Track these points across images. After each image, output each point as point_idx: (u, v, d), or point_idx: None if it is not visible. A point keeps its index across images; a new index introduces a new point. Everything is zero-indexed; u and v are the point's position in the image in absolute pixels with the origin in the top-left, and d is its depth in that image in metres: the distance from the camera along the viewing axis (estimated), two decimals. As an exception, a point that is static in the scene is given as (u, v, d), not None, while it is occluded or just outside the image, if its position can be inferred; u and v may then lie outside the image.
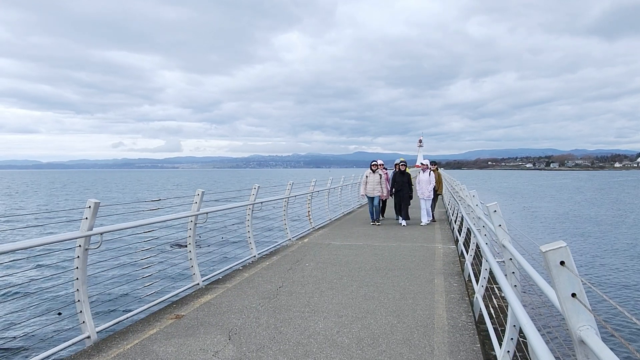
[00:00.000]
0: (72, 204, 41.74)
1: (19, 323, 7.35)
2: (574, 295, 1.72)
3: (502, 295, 5.91)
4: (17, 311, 7.95)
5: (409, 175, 13.73)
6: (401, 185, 13.41)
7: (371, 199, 13.49)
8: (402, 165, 13.68)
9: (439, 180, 14.63)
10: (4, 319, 8.08)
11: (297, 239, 10.89)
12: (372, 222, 13.59)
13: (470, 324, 4.98)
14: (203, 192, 6.61)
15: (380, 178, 13.42)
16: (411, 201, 14.12)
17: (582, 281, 1.73)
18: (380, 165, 13.98)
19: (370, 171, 13.46)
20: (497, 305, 5.50)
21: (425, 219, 13.51)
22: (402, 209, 13.44)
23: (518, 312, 2.58)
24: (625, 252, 18.33)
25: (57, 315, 7.39)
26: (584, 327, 1.71)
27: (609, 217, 31.71)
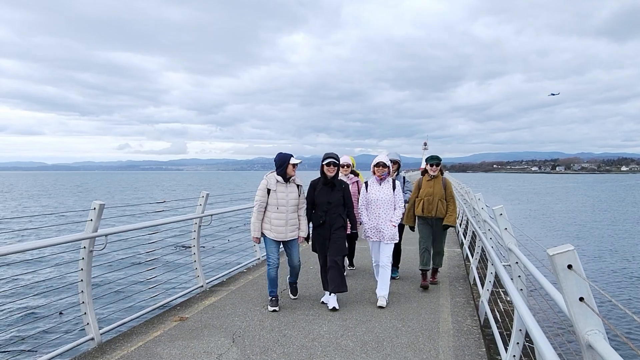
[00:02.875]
0: (81, 205, 41.96)
1: (23, 324, 7.38)
2: (581, 299, 1.69)
3: (508, 299, 5.87)
4: (21, 312, 7.98)
5: (347, 187, 5.84)
6: (325, 209, 5.66)
7: (276, 246, 5.65)
8: (329, 166, 5.65)
9: (449, 196, 6.63)
10: (8, 320, 8.11)
11: (301, 242, 10.85)
12: (271, 300, 5.57)
13: (475, 327, 4.95)
14: (207, 194, 6.62)
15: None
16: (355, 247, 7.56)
17: (590, 285, 1.71)
18: (344, 166, 6.88)
19: (280, 179, 5.51)
20: (502, 309, 5.46)
21: (382, 291, 5.80)
22: (333, 268, 5.61)
23: (525, 316, 2.55)
24: (633, 256, 18.18)
25: (61, 317, 7.41)
26: (592, 331, 1.68)
27: (616, 220, 31.49)
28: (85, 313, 4.51)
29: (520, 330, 3.43)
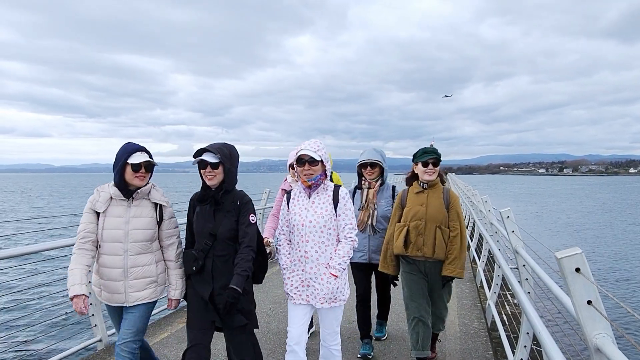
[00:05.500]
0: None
1: (30, 326, 7.43)
2: (589, 302, 1.69)
3: (515, 302, 5.85)
4: (28, 315, 8.03)
5: (246, 207, 3.10)
6: (206, 246, 3.06)
7: (114, 315, 3.27)
8: (204, 169, 3.03)
9: (454, 219, 3.73)
10: (15, 322, 8.17)
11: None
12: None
13: (482, 330, 4.93)
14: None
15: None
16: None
17: (598, 288, 1.71)
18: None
19: (116, 193, 3.07)
20: (510, 312, 5.44)
21: None
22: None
23: (532, 319, 2.54)
24: (641, 259, 18.03)
25: (69, 318, 7.45)
26: (600, 334, 1.68)
27: (624, 223, 31.24)
28: (92, 314, 4.54)
29: (528, 333, 3.42)
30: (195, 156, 3.05)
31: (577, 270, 1.69)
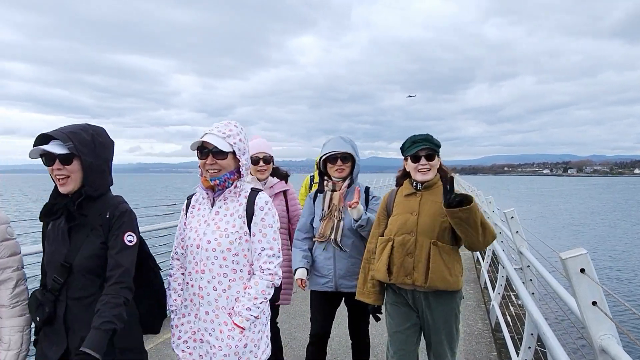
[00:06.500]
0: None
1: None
2: (594, 303, 1.69)
3: (519, 302, 5.84)
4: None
5: (123, 217, 2.03)
6: (56, 284, 1.99)
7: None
8: (51, 165, 1.99)
9: (473, 228, 2.39)
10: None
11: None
12: None
13: (486, 331, 4.92)
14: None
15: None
16: None
17: (602, 289, 1.70)
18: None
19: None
20: (514, 313, 5.42)
21: None
22: None
23: (537, 320, 2.54)
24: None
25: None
26: (605, 335, 1.68)
27: (629, 223, 31.10)
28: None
29: (532, 334, 3.41)
30: (35, 145, 1.97)
31: (582, 271, 1.69)
